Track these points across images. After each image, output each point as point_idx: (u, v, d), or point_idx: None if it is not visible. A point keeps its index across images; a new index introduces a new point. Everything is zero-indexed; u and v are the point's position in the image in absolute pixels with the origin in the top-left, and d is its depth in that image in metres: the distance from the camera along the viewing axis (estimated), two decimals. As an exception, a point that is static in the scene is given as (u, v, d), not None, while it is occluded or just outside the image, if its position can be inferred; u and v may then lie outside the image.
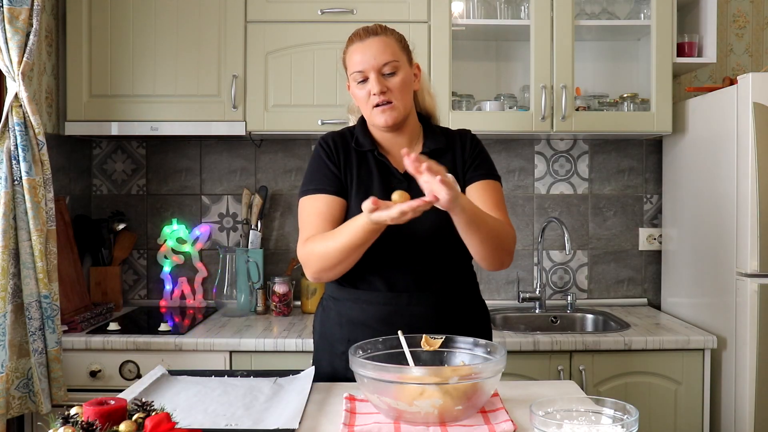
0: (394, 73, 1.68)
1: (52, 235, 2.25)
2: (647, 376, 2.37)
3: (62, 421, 1.11)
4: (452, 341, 1.51)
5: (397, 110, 1.69)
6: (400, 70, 1.69)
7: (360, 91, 1.70)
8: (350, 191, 1.73)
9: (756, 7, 2.99)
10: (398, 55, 1.70)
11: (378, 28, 1.73)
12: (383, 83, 1.67)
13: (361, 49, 1.69)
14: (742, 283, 2.31)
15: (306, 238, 1.67)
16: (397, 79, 1.68)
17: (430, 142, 1.77)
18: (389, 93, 1.67)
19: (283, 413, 1.38)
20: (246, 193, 2.90)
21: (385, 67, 1.67)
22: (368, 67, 1.67)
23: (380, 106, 1.67)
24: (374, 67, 1.67)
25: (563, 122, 2.61)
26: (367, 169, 1.74)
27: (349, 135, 1.80)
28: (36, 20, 2.21)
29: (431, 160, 1.41)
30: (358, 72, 1.68)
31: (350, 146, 1.77)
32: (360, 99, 1.72)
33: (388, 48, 1.69)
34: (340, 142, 1.77)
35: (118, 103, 2.61)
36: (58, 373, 2.23)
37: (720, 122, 2.45)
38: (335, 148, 1.76)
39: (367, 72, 1.67)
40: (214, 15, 2.60)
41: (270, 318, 2.71)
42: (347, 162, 1.75)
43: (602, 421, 1.21)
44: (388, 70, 1.67)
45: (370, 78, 1.67)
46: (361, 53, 1.68)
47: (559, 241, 2.97)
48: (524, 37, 2.68)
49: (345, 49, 1.76)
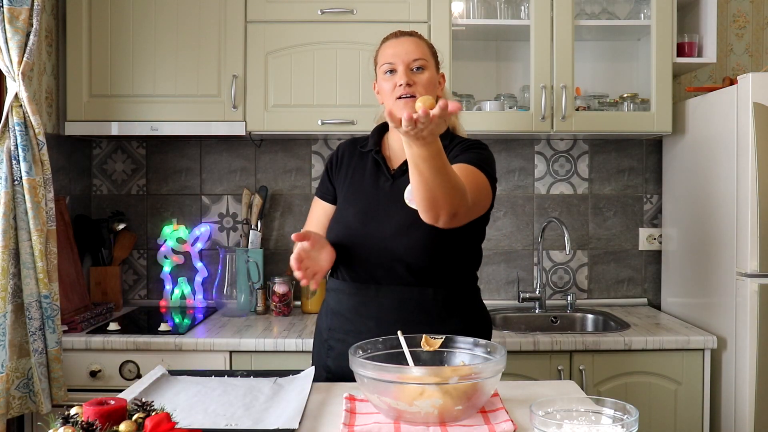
0: (422, 69, 1.75)
1: (52, 235, 2.25)
2: (647, 376, 2.38)
3: (62, 421, 1.11)
4: (452, 341, 1.51)
5: None
6: (428, 69, 1.77)
7: (386, 83, 1.76)
8: (341, 189, 1.86)
9: (756, 7, 2.99)
10: (427, 57, 1.78)
11: (413, 32, 1.83)
12: (411, 77, 1.73)
13: (395, 44, 1.78)
14: (742, 283, 2.31)
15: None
16: (424, 76, 1.75)
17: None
18: (414, 87, 1.73)
19: (283, 413, 1.38)
20: (246, 193, 2.90)
21: (414, 62, 1.75)
22: (398, 60, 1.75)
23: (403, 98, 1.72)
24: (404, 60, 1.74)
25: (563, 122, 2.61)
26: (361, 170, 1.84)
27: (364, 138, 1.91)
28: (36, 20, 2.21)
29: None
30: (388, 63, 1.76)
31: (356, 150, 1.89)
32: (385, 91, 1.77)
33: (419, 48, 1.78)
34: (350, 147, 1.91)
35: (118, 103, 2.61)
36: (58, 373, 2.23)
37: (720, 122, 2.45)
38: (341, 155, 1.90)
39: (396, 65, 1.75)
40: (214, 15, 2.60)
41: (270, 318, 2.71)
42: (348, 165, 1.87)
43: (602, 421, 1.21)
44: (416, 66, 1.75)
45: (398, 70, 1.74)
46: (394, 48, 1.77)
47: (559, 241, 2.97)
48: (524, 37, 2.68)
49: (378, 47, 1.85)
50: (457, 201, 1.50)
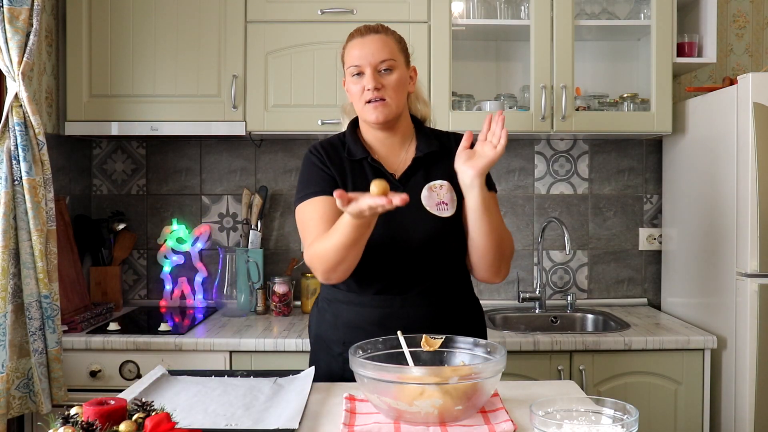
0: (390, 70, 1.69)
1: (52, 235, 2.25)
2: (647, 376, 2.37)
3: (62, 421, 1.11)
4: (452, 341, 1.51)
5: (389, 108, 1.69)
6: (396, 69, 1.70)
7: (354, 86, 1.71)
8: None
9: (756, 7, 2.99)
10: (396, 55, 1.71)
11: (379, 27, 1.74)
12: (378, 80, 1.68)
13: (360, 44, 1.70)
14: (742, 283, 2.31)
15: (310, 242, 1.66)
16: (393, 78, 1.69)
17: (423, 144, 1.76)
18: (383, 90, 1.68)
19: (283, 413, 1.38)
20: (246, 193, 2.90)
21: (381, 64, 1.68)
22: (365, 63, 1.68)
23: (372, 102, 1.68)
24: (371, 63, 1.68)
25: (563, 122, 2.61)
26: (362, 176, 1.72)
27: (340, 144, 1.78)
28: (36, 20, 2.21)
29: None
30: (355, 66, 1.70)
31: (341, 155, 1.75)
32: (354, 94, 1.72)
33: (386, 46, 1.70)
34: (332, 151, 1.76)
35: (118, 103, 2.61)
36: (59, 373, 2.23)
37: (720, 122, 2.45)
38: (326, 155, 1.74)
39: (363, 67, 1.69)
40: (214, 15, 2.60)
41: (270, 318, 2.71)
42: (341, 171, 1.73)
43: (602, 421, 1.21)
44: (384, 67, 1.69)
45: (365, 73, 1.68)
46: (360, 48, 1.70)
47: (559, 241, 2.97)
48: (524, 37, 2.68)
49: (344, 44, 1.77)
50: (509, 246, 1.73)
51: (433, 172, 1.74)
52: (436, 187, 1.71)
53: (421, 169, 1.73)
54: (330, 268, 1.61)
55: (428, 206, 1.68)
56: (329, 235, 1.58)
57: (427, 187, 1.71)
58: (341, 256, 1.57)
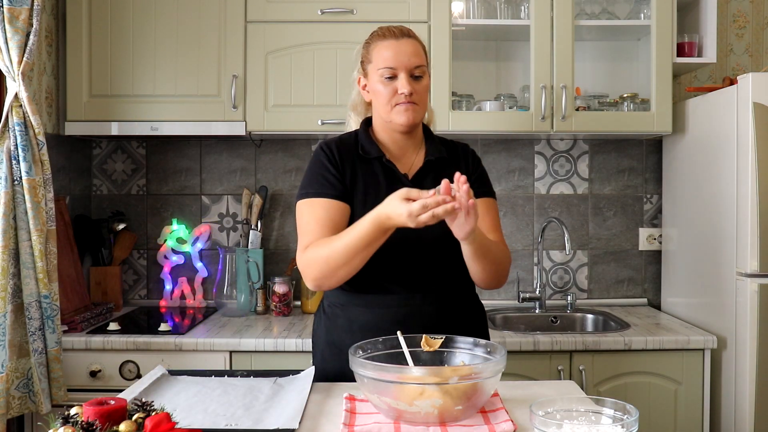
0: (421, 77, 1.71)
1: (52, 235, 2.25)
2: (647, 376, 2.37)
3: (62, 421, 1.11)
4: (452, 341, 1.51)
5: (419, 112, 1.71)
6: (425, 75, 1.72)
7: (384, 88, 1.69)
8: (356, 196, 1.71)
9: (756, 7, 2.99)
10: (425, 61, 1.73)
11: (411, 31, 1.75)
12: (413, 85, 1.68)
13: (396, 47, 1.69)
14: (742, 283, 2.31)
15: (305, 245, 1.65)
16: (424, 84, 1.71)
17: (432, 150, 1.78)
18: (415, 95, 1.69)
19: (283, 413, 1.38)
20: (246, 193, 2.90)
21: (416, 69, 1.69)
22: (400, 66, 1.68)
23: (404, 104, 1.68)
24: (407, 67, 1.68)
25: (563, 122, 2.61)
26: (373, 177, 1.72)
27: (353, 141, 1.78)
28: (36, 20, 2.21)
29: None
30: (389, 68, 1.68)
31: (354, 153, 1.75)
32: (381, 95, 1.70)
33: (419, 52, 1.72)
34: (343, 149, 1.75)
35: (118, 103, 2.61)
36: (58, 373, 2.23)
37: (720, 122, 2.45)
38: (339, 154, 1.73)
39: (398, 70, 1.68)
40: (214, 15, 2.60)
41: (270, 318, 2.71)
42: (352, 170, 1.72)
43: (602, 421, 1.21)
44: (418, 73, 1.70)
45: (399, 77, 1.68)
46: (396, 51, 1.69)
47: (559, 241, 2.97)
48: (524, 37, 2.68)
49: (371, 42, 1.74)
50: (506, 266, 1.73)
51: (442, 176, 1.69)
52: None
53: (432, 172, 1.75)
54: (329, 273, 1.59)
55: None
56: (339, 237, 1.58)
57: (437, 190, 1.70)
58: (348, 259, 1.56)
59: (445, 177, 1.70)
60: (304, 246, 1.66)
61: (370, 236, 1.52)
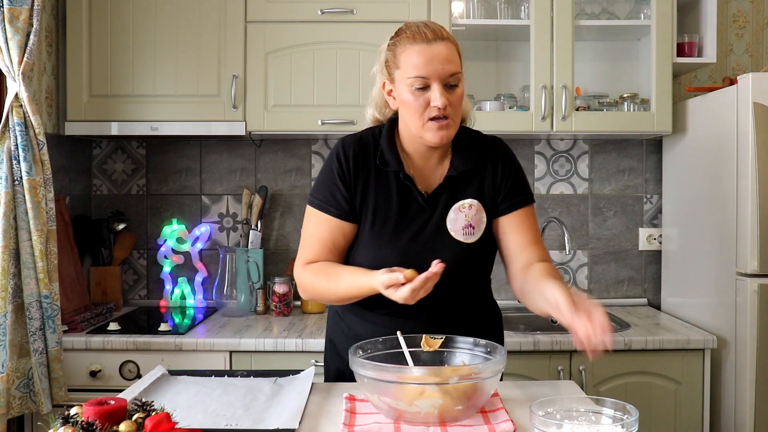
0: (456, 85, 1.53)
1: (52, 235, 2.25)
2: (647, 376, 2.37)
3: (62, 421, 1.11)
4: (452, 341, 1.51)
5: (452, 130, 1.55)
6: (461, 82, 1.55)
7: (415, 99, 1.52)
8: (365, 214, 1.61)
9: (756, 7, 2.99)
10: (460, 66, 1.55)
11: (444, 32, 1.55)
12: (447, 97, 1.51)
13: (428, 52, 1.50)
14: (742, 283, 2.31)
15: (304, 261, 1.63)
16: (458, 93, 1.54)
17: (459, 161, 1.61)
18: (449, 108, 1.52)
19: (283, 413, 1.38)
20: (246, 193, 2.90)
21: (450, 78, 1.52)
22: (433, 75, 1.50)
23: (438, 120, 1.52)
24: (440, 76, 1.50)
25: (563, 122, 2.61)
26: (386, 193, 1.60)
27: (373, 146, 1.63)
28: (36, 20, 2.21)
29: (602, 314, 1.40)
30: (420, 78, 1.50)
31: (371, 162, 1.61)
32: (413, 107, 1.53)
33: (454, 57, 1.53)
34: (361, 156, 1.61)
35: (118, 103, 2.61)
36: (59, 373, 2.23)
37: (720, 122, 2.45)
38: (354, 163, 1.60)
39: (431, 80, 1.50)
40: (214, 15, 2.60)
41: (270, 318, 2.71)
42: (365, 182, 1.60)
43: (602, 421, 1.21)
44: (452, 82, 1.52)
45: (432, 87, 1.51)
46: (428, 57, 1.50)
47: (559, 241, 2.97)
48: (524, 37, 2.68)
49: (398, 44, 1.55)
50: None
51: (463, 190, 1.62)
52: (465, 208, 1.61)
53: (451, 188, 1.62)
54: (320, 300, 1.70)
55: (453, 230, 1.59)
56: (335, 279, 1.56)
57: (455, 208, 1.60)
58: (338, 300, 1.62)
59: (467, 188, 1.62)
60: (302, 261, 1.64)
61: (362, 292, 1.53)
